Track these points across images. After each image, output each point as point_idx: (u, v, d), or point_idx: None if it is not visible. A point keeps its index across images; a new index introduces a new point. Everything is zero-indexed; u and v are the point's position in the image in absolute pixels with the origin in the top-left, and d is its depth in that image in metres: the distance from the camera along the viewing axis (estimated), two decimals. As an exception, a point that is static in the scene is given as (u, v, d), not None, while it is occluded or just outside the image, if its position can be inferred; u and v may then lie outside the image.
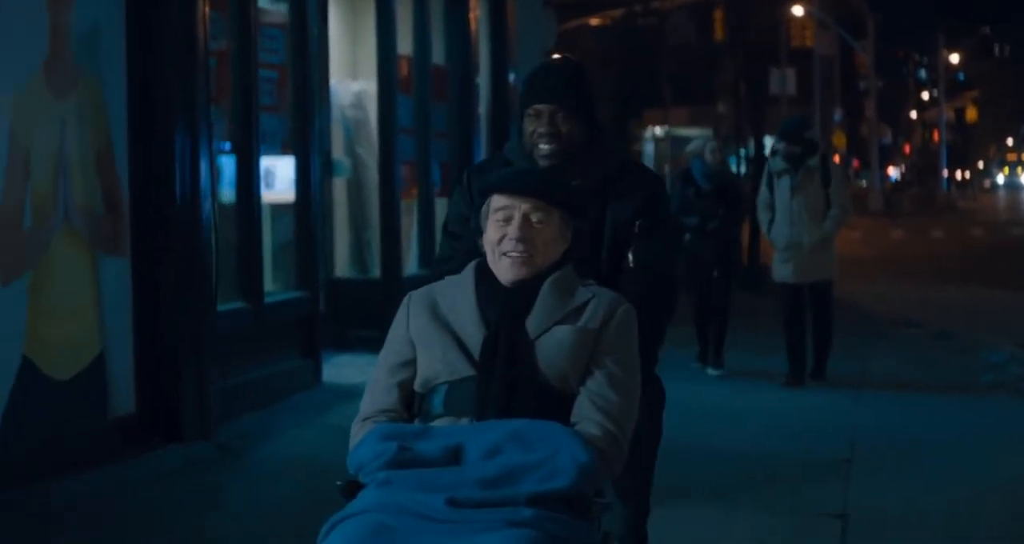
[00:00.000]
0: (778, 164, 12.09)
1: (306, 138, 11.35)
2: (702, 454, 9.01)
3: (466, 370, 4.09)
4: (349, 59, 13.51)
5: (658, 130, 42.89)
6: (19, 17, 7.99)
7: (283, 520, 7.46)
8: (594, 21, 37.50)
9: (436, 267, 4.83)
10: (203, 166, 9.25)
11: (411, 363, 4.18)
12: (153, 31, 9.02)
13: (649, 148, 40.68)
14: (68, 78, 8.38)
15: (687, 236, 12.34)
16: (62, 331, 8.34)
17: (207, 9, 9.38)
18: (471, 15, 15.40)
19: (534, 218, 4.20)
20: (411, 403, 4.18)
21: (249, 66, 10.33)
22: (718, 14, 44.65)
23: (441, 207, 13.78)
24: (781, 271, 12.12)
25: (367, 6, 13.36)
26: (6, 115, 7.82)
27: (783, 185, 12.02)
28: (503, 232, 4.19)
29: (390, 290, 12.53)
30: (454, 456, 3.95)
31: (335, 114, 13.17)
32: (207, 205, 9.32)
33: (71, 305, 8.45)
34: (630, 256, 4.70)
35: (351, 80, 13.56)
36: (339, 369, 11.60)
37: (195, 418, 9.15)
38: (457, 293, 4.23)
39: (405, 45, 13.81)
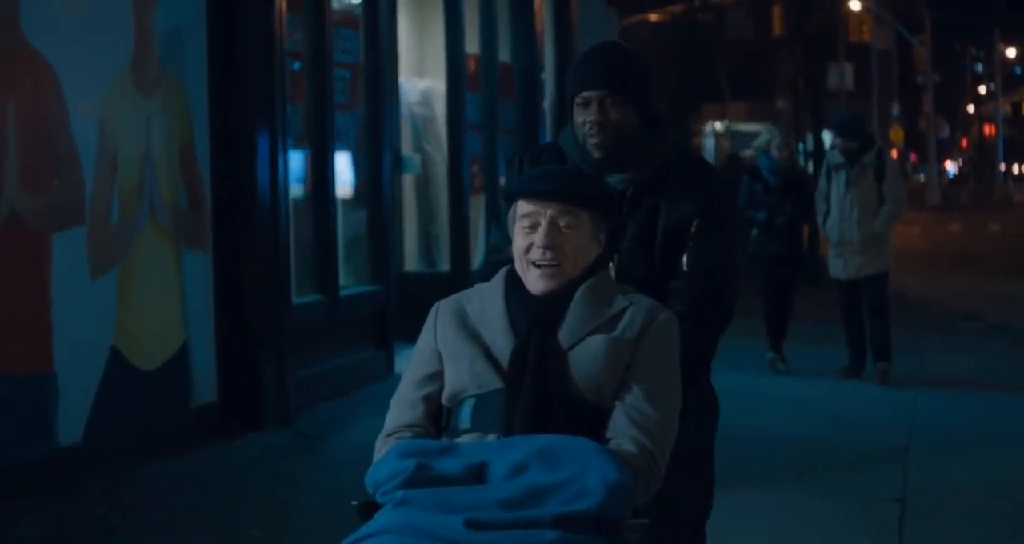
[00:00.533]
0: (835, 158, 12.22)
1: (378, 135, 11.64)
2: (761, 442, 9.18)
3: (494, 382, 3.84)
4: (417, 57, 13.76)
5: (718, 125, 43.01)
6: (106, 17, 8.27)
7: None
8: (654, 17, 37.62)
9: (486, 257, 4.64)
10: (280, 163, 9.55)
11: (438, 376, 3.94)
12: (234, 31, 9.33)
13: (709, 143, 40.79)
14: (153, 76, 8.68)
15: (754, 232, 12.41)
16: (148, 322, 8.63)
17: (284, 10, 9.68)
18: (536, 13, 15.66)
19: (562, 223, 3.91)
20: (438, 417, 3.94)
21: (324, 65, 10.62)
22: (776, 10, 44.76)
23: (507, 202, 14.04)
24: (835, 266, 12.19)
25: (435, 5, 13.60)
26: (95, 112, 8.10)
27: (839, 180, 12.09)
28: (530, 240, 3.91)
29: (458, 284, 12.70)
30: (477, 474, 3.71)
31: (404, 111, 13.40)
32: (284, 201, 9.62)
33: (156, 297, 8.73)
34: (684, 259, 4.33)
35: (419, 78, 13.81)
36: (409, 361, 11.79)
37: (275, 407, 9.44)
38: (486, 302, 3.98)
39: (472, 43, 14.04)
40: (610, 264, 4.15)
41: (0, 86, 7.46)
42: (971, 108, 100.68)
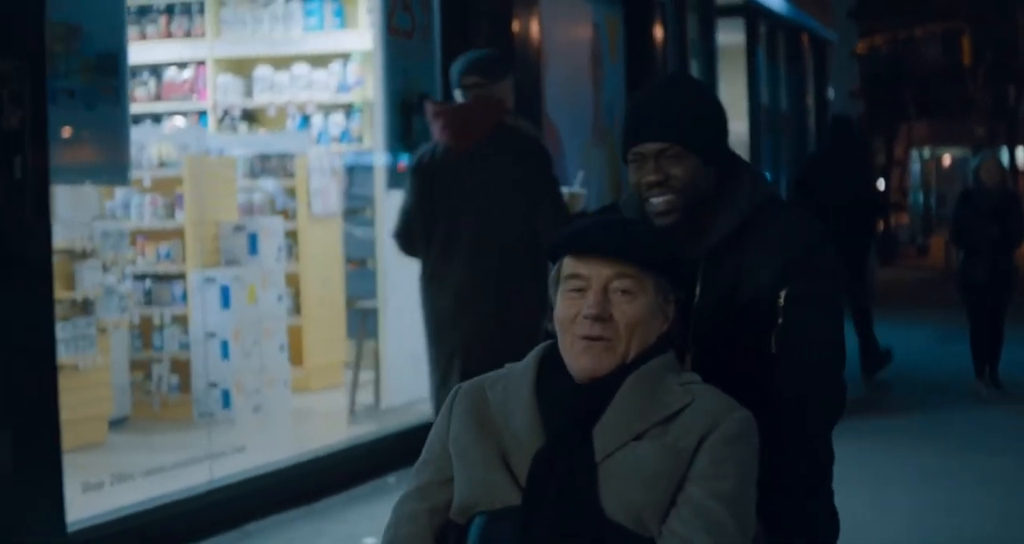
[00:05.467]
0: None
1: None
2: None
3: (510, 497, 3.02)
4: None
5: (926, 152, 45.19)
6: (580, 97, 12.17)
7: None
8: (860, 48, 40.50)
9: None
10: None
11: (448, 483, 3.13)
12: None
13: (915, 169, 43.08)
14: (602, 134, 12.57)
15: (961, 255, 12.11)
16: None
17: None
18: (804, 67, 19.49)
19: (619, 288, 3.08)
20: (446, 534, 3.14)
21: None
22: (965, 39, 47.43)
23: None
24: None
25: (738, 66, 17.40)
26: (579, 157, 11.93)
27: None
28: (576, 308, 3.08)
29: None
30: None
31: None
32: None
33: None
34: (773, 339, 3.36)
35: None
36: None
37: None
38: (512, 389, 3.14)
39: (763, 95, 17.90)
40: (685, 352, 3.29)
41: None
42: None
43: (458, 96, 6.97)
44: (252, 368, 9.75)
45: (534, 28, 10.12)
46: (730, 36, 16.25)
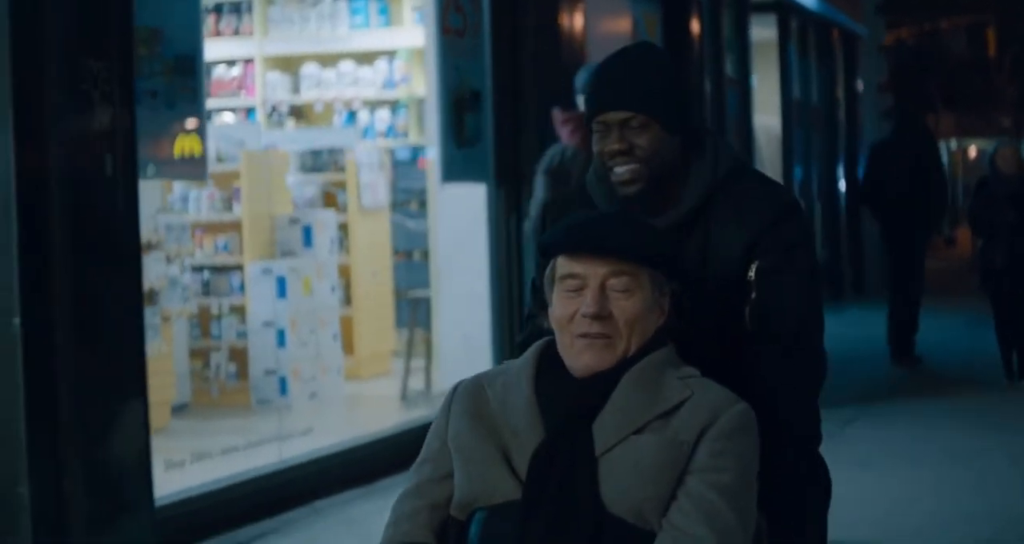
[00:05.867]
0: None
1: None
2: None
3: (510, 492, 3.02)
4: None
5: (953, 143, 45.23)
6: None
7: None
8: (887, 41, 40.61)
9: (523, 324, 3.63)
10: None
11: (448, 479, 3.12)
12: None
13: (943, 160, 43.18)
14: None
15: (979, 243, 12.15)
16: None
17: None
18: (834, 61, 19.78)
19: (616, 285, 3.06)
20: (445, 530, 3.12)
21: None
22: (990, 31, 47.54)
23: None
24: None
25: (771, 61, 17.67)
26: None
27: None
28: (573, 307, 3.07)
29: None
30: None
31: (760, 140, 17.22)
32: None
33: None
34: (746, 314, 3.28)
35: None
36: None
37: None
38: (511, 386, 3.13)
39: (795, 89, 18.18)
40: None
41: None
42: None
43: (581, 102, 7.54)
44: (308, 356, 10.09)
45: (578, 25, 10.43)
46: (763, 32, 16.51)
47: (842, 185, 19.77)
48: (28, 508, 5.60)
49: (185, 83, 6.77)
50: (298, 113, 12.46)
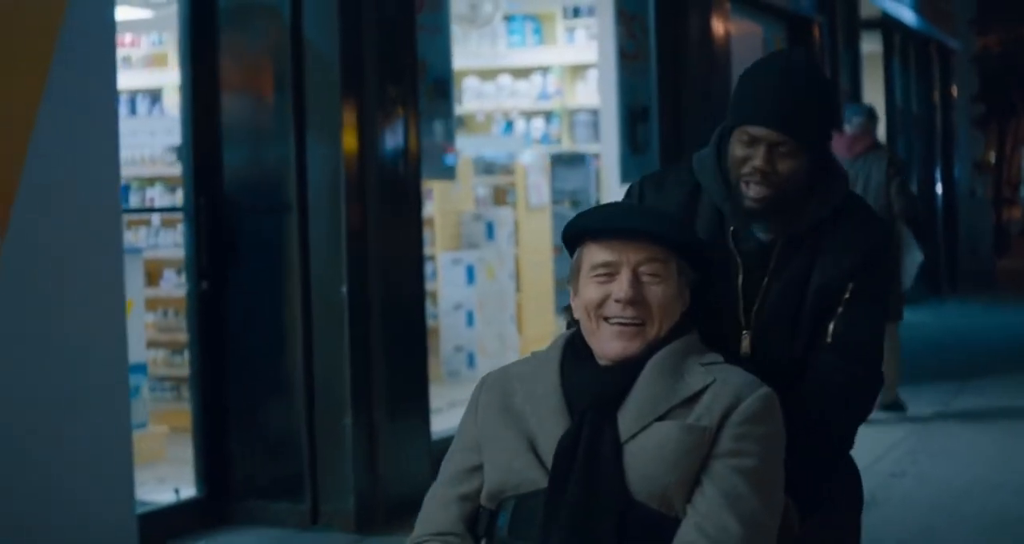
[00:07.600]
0: None
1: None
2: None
3: (537, 481, 3.02)
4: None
5: None
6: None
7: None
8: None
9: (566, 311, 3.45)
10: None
11: (478, 470, 3.13)
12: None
13: None
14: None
15: None
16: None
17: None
18: (932, 73, 21.17)
19: (646, 271, 3.08)
20: (477, 520, 3.13)
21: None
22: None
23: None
24: None
25: (876, 73, 19.00)
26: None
27: None
28: (605, 291, 3.07)
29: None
30: None
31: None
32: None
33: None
34: (830, 329, 3.40)
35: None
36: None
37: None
38: (538, 375, 3.15)
39: (898, 99, 19.54)
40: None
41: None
42: None
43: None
44: (493, 334, 11.62)
45: (724, 46, 11.93)
46: (869, 46, 17.84)
47: (939, 188, 21.12)
48: (349, 436, 7.20)
49: (440, 104, 8.31)
50: (461, 122, 13.90)
